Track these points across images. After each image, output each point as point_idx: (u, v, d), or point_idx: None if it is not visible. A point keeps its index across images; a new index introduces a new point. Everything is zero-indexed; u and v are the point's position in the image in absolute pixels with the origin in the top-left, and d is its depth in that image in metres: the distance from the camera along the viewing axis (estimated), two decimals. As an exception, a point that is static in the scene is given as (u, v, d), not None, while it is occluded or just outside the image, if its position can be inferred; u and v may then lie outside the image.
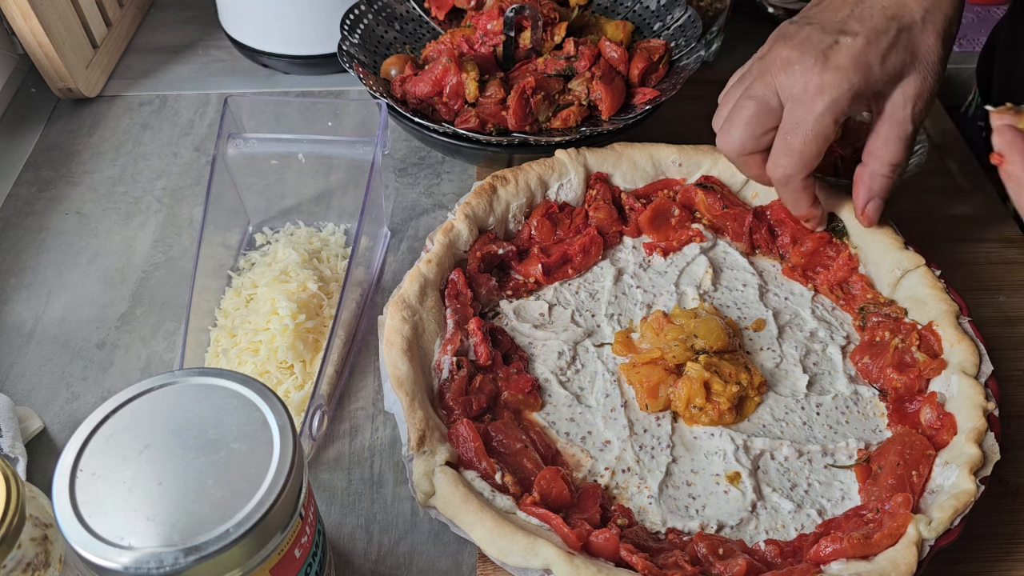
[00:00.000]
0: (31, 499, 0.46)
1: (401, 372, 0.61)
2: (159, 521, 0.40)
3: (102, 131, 0.94)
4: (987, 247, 0.81)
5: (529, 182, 0.75)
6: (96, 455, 0.43)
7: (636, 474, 0.60)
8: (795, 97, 0.61)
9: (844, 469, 0.61)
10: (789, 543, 0.56)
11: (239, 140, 0.73)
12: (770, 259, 0.76)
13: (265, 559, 0.43)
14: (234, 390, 0.45)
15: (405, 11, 0.95)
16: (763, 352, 0.68)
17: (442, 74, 0.81)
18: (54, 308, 0.75)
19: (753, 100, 0.64)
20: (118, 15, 1.06)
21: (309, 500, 0.47)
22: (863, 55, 0.59)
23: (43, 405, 0.68)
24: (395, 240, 0.82)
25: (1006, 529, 0.61)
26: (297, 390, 0.66)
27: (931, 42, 0.61)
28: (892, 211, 0.75)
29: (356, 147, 0.72)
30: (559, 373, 0.66)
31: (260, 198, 0.80)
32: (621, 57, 0.85)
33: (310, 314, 0.69)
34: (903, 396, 0.64)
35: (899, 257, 0.69)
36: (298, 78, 1.02)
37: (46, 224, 0.83)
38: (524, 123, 0.81)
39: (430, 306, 0.66)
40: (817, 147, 0.62)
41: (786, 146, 0.63)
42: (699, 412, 0.63)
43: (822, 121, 0.61)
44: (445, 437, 0.59)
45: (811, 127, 0.61)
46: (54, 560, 0.46)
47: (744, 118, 0.64)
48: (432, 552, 0.60)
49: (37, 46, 0.89)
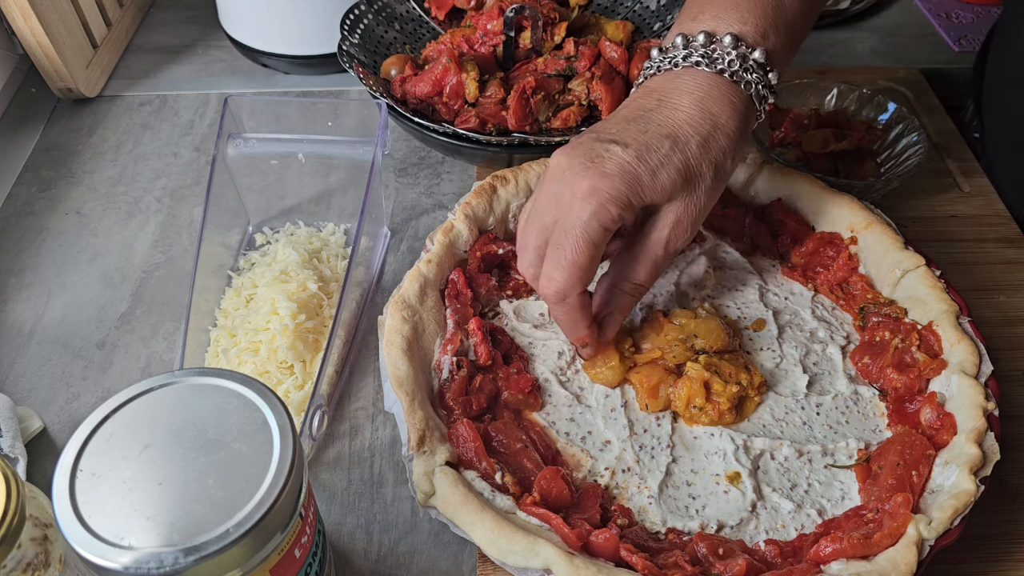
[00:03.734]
0: (31, 499, 0.46)
1: (401, 372, 0.61)
2: (159, 521, 0.40)
3: (102, 131, 0.94)
4: (987, 247, 0.81)
5: (529, 182, 0.75)
6: (96, 455, 0.43)
7: (636, 474, 0.60)
8: (563, 204, 0.58)
9: (844, 469, 0.61)
10: (789, 543, 0.56)
11: (239, 140, 0.73)
12: (770, 259, 0.76)
13: (265, 559, 0.43)
14: (234, 390, 0.45)
15: (405, 11, 0.95)
16: (763, 352, 0.68)
17: (442, 74, 0.81)
18: (54, 308, 0.75)
19: (537, 216, 0.60)
20: (118, 15, 1.06)
21: (309, 500, 0.47)
22: (632, 166, 0.57)
23: (43, 405, 0.68)
24: (395, 240, 0.82)
25: (1006, 529, 0.61)
26: (297, 390, 0.66)
27: (703, 170, 0.60)
28: (892, 211, 0.75)
29: (356, 147, 0.72)
30: (559, 373, 0.66)
31: (260, 198, 0.80)
32: (621, 57, 0.85)
33: (310, 314, 0.69)
34: (903, 396, 0.64)
35: (899, 257, 0.69)
36: (298, 78, 1.02)
37: (46, 224, 0.83)
38: (524, 123, 0.81)
39: (430, 306, 0.66)
40: (589, 255, 0.58)
41: (557, 257, 0.58)
42: (699, 412, 0.63)
43: (590, 226, 0.57)
44: (445, 437, 0.59)
45: (580, 233, 0.57)
46: (54, 560, 0.46)
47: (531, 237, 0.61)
48: (432, 552, 0.60)
49: (37, 46, 0.89)
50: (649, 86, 0.63)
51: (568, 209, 0.58)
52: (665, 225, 0.61)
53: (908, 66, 1.03)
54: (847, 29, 1.12)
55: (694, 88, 0.61)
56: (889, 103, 0.85)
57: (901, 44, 1.10)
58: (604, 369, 0.65)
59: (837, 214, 0.73)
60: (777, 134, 0.86)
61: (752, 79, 0.61)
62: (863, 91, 0.87)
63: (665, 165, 0.58)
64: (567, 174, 0.58)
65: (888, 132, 0.84)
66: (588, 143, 0.59)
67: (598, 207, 0.57)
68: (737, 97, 0.61)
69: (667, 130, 0.59)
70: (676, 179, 0.59)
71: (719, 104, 0.60)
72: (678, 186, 0.59)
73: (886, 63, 1.06)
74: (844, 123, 0.85)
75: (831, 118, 0.86)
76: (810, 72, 0.98)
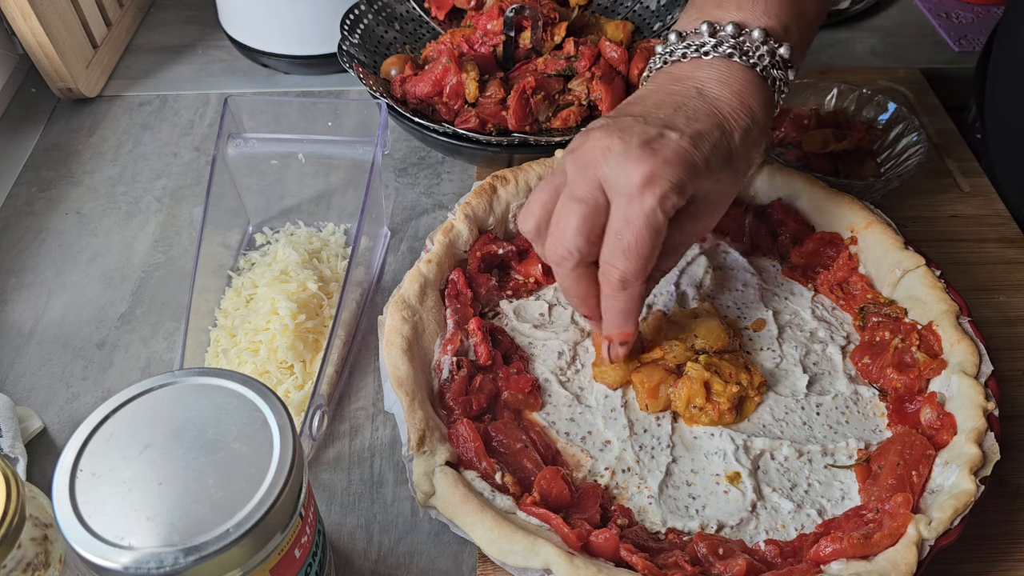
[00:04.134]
0: (31, 499, 0.46)
1: (401, 372, 0.61)
2: (159, 521, 0.40)
3: (102, 131, 0.94)
4: (987, 247, 0.81)
5: (529, 182, 0.75)
6: (96, 455, 0.43)
7: (636, 474, 0.60)
8: (620, 191, 0.55)
9: (844, 469, 0.61)
10: (789, 543, 0.56)
11: (239, 140, 0.73)
12: (770, 259, 0.76)
13: (265, 559, 0.43)
14: (234, 390, 0.46)
15: (405, 11, 0.95)
16: (763, 352, 0.68)
17: (442, 74, 0.81)
18: (54, 308, 0.75)
19: (580, 202, 0.56)
20: (118, 15, 1.06)
21: (309, 500, 0.47)
22: (689, 153, 0.55)
23: (43, 405, 0.68)
24: (395, 240, 0.82)
25: (1006, 529, 0.61)
26: (297, 390, 0.66)
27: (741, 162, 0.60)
28: (892, 211, 0.75)
29: (356, 147, 0.72)
30: (559, 373, 0.66)
31: (260, 198, 0.80)
32: (621, 57, 0.85)
33: (310, 314, 0.69)
34: (903, 396, 0.64)
35: (899, 257, 0.69)
36: (298, 78, 1.02)
37: (46, 224, 0.83)
38: (524, 123, 0.81)
39: (430, 306, 0.66)
40: (651, 245, 0.56)
41: (620, 245, 0.56)
42: (699, 412, 0.63)
43: (655, 216, 0.55)
44: (445, 437, 0.59)
45: (643, 223, 0.55)
46: (54, 560, 0.46)
47: (574, 224, 0.56)
48: (432, 552, 0.60)
49: (37, 46, 0.89)
50: (676, 73, 0.61)
51: (627, 197, 0.55)
52: (703, 214, 0.60)
53: (908, 66, 1.03)
54: (847, 29, 1.12)
55: (731, 80, 0.59)
56: (889, 103, 0.85)
57: (901, 44, 1.10)
58: (609, 369, 0.65)
59: (837, 214, 0.73)
60: (777, 134, 0.86)
61: (777, 75, 0.60)
62: (863, 91, 0.87)
63: (715, 154, 0.57)
64: (621, 158, 0.55)
65: (888, 132, 0.84)
66: (637, 126, 0.56)
67: (662, 196, 0.55)
68: (766, 92, 0.60)
69: (715, 120, 0.58)
70: (724, 168, 0.58)
71: (754, 98, 0.59)
72: (724, 175, 0.59)
73: (886, 63, 1.06)
74: (844, 123, 0.85)
75: (831, 118, 0.86)
76: (810, 72, 0.98)
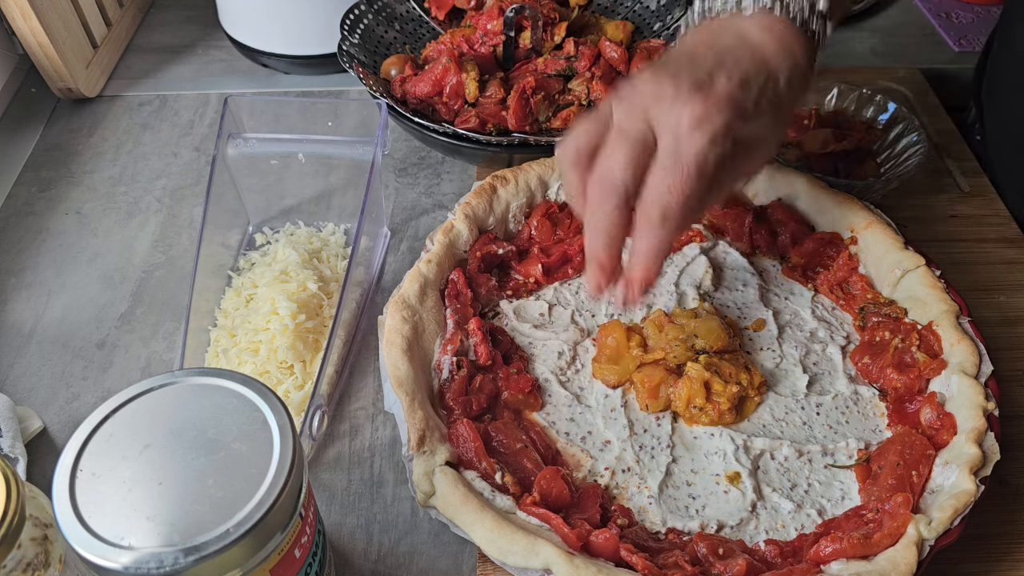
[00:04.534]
0: (31, 499, 0.46)
1: (401, 372, 0.61)
2: (159, 521, 0.40)
3: (102, 131, 0.94)
4: (987, 247, 0.81)
5: (529, 182, 0.75)
6: (96, 455, 0.43)
7: (636, 474, 0.60)
8: (671, 130, 0.55)
9: (844, 469, 0.61)
10: (789, 543, 0.56)
11: (239, 140, 0.73)
12: (770, 259, 0.76)
13: (265, 559, 0.43)
14: (234, 390, 0.46)
15: (405, 11, 0.95)
16: (763, 352, 0.68)
17: (442, 74, 0.81)
18: (54, 308, 0.75)
19: (630, 139, 0.56)
20: (118, 15, 1.06)
21: (309, 500, 0.47)
22: (739, 96, 0.55)
23: (43, 405, 0.68)
24: (395, 240, 0.82)
25: (1006, 529, 0.61)
26: (297, 390, 0.66)
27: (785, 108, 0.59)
28: (892, 211, 0.75)
29: (356, 147, 0.72)
30: (559, 373, 0.66)
31: (260, 198, 0.80)
32: (621, 57, 0.85)
33: (310, 314, 0.69)
34: (903, 396, 0.64)
35: (899, 257, 0.69)
36: (298, 78, 1.02)
37: (46, 224, 0.83)
38: (524, 123, 0.81)
39: (430, 306, 0.66)
40: (697, 183, 0.55)
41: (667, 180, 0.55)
42: (699, 412, 0.63)
43: (703, 156, 0.54)
44: (445, 437, 0.59)
45: (692, 160, 0.54)
46: (54, 560, 0.46)
47: (622, 161, 0.56)
48: (432, 552, 0.60)
49: (37, 46, 0.89)
50: (717, 25, 0.61)
51: (677, 137, 0.55)
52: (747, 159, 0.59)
53: (908, 66, 1.03)
54: (847, 29, 1.12)
55: (772, 27, 0.59)
56: (889, 103, 0.85)
57: (901, 44, 1.10)
58: (610, 366, 0.65)
59: (837, 214, 0.73)
60: (777, 134, 0.86)
61: (816, 28, 0.60)
62: (863, 91, 0.86)
63: (762, 98, 0.57)
64: (671, 100, 0.55)
65: (888, 132, 0.84)
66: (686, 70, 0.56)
67: (712, 136, 0.54)
68: (807, 42, 0.60)
69: (760, 65, 0.58)
70: (770, 112, 0.58)
71: (797, 44, 0.59)
72: (769, 120, 0.58)
73: (886, 63, 1.06)
74: (844, 123, 0.85)
75: (831, 118, 0.86)
76: (810, 72, 0.98)
